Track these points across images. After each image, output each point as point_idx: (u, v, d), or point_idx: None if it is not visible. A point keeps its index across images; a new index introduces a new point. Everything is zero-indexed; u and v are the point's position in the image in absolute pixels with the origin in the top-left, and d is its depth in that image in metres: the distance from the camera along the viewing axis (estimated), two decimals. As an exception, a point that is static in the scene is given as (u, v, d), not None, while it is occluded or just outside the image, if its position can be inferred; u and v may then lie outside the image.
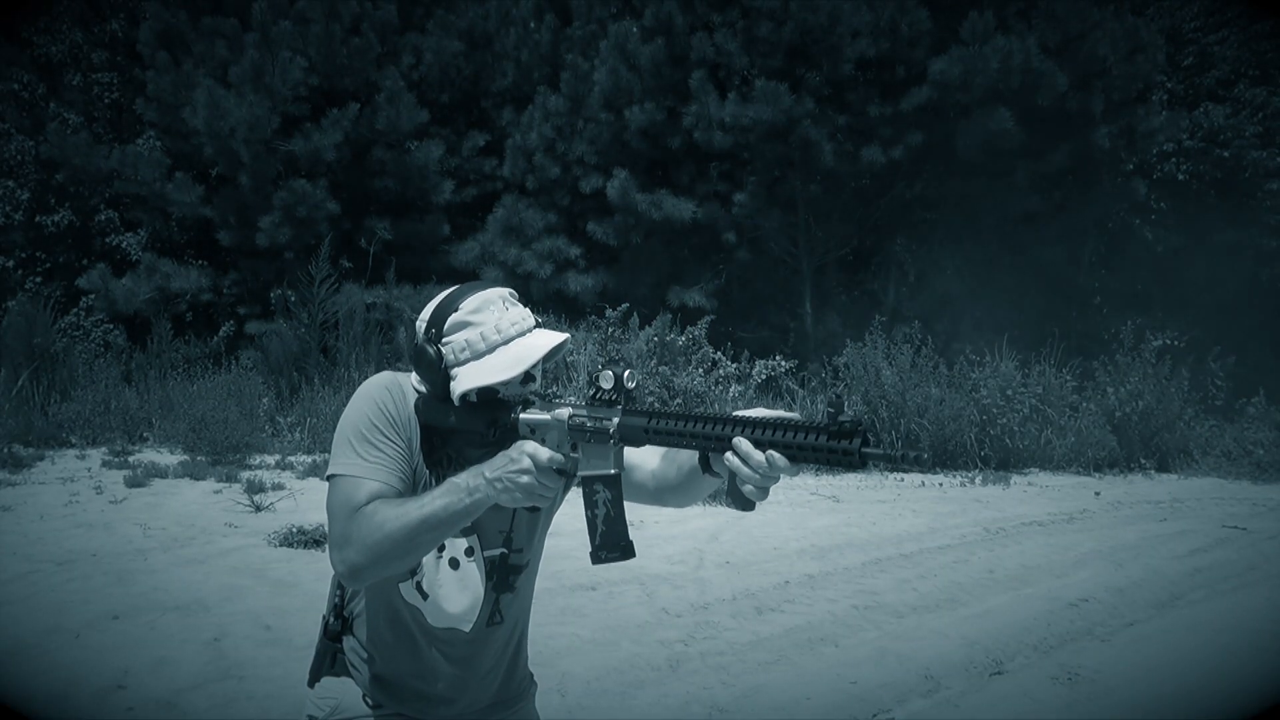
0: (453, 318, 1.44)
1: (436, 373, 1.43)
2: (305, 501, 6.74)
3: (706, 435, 1.24)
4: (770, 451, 1.14)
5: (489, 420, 1.43)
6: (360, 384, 1.52)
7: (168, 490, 7.09)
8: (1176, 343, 11.20)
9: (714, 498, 7.39)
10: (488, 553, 1.52)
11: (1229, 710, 3.63)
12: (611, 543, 1.35)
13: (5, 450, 7.96)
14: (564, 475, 1.33)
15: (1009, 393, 10.12)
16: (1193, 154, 14.82)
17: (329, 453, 1.47)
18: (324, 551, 5.56)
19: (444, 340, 1.44)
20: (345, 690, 1.54)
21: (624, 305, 10.98)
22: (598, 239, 13.20)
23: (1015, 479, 9.23)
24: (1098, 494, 8.64)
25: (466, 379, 1.40)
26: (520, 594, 1.61)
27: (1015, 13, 12.34)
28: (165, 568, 5.09)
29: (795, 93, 11.74)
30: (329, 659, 1.56)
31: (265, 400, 10.20)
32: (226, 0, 13.28)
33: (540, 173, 13.41)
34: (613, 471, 1.35)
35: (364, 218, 13.49)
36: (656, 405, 1.34)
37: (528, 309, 1.50)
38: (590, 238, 13.24)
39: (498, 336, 1.42)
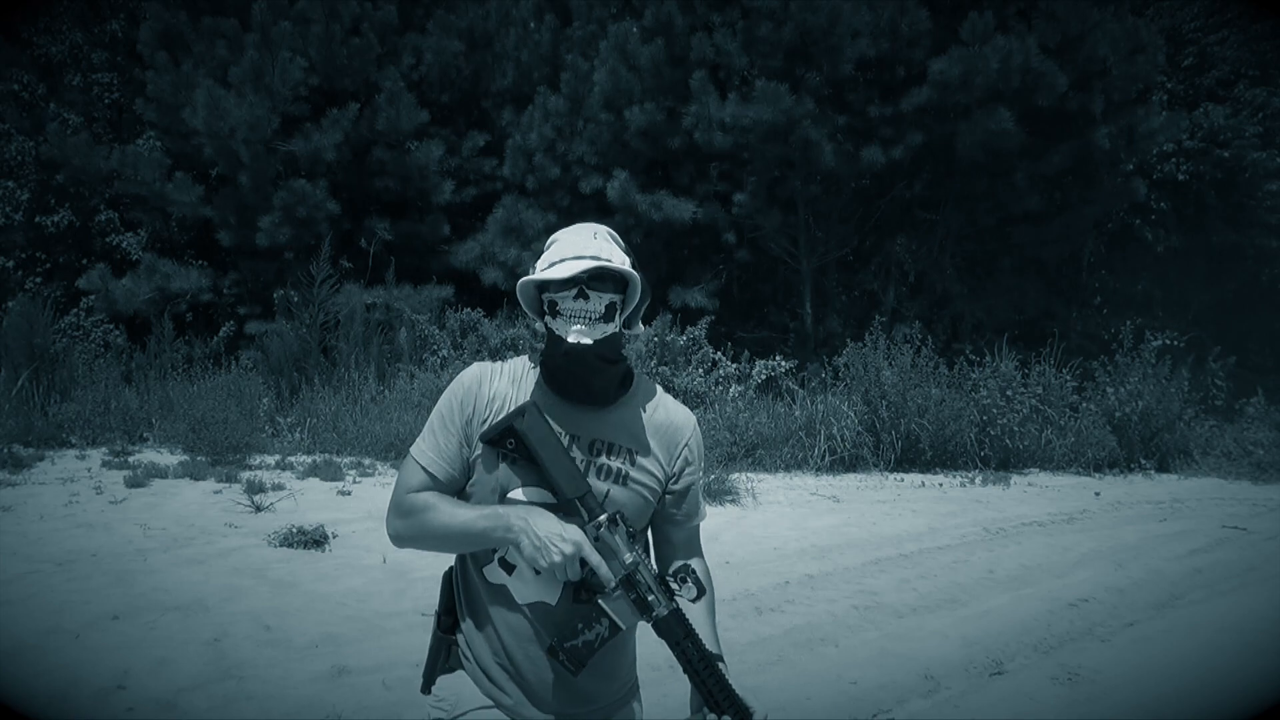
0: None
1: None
2: (305, 502, 6.74)
3: (708, 693, 1.54)
4: None
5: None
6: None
7: (168, 490, 7.09)
8: (1176, 343, 11.21)
9: (714, 498, 7.41)
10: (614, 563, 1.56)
11: (1229, 710, 3.63)
12: (576, 660, 1.50)
13: (5, 450, 7.96)
14: (585, 587, 1.52)
15: (1009, 393, 10.12)
16: (1193, 154, 14.82)
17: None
18: (324, 552, 5.56)
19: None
20: (461, 686, 1.62)
21: (624, 305, 10.98)
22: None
23: (1015, 479, 9.23)
24: (1098, 494, 8.64)
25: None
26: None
27: (1015, 13, 12.34)
28: (165, 568, 5.09)
29: (795, 93, 11.73)
30: (444, 654, 1.65)
31: (265, 400, 10.19)
32: (226, 0, 13.28)
33: (540, 173, 13.42)
34: (622, 626, 1.52)
35: (364, 218, 13.49)
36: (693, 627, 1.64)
37: (615, 248, 1.65)
38: (590, 238, 13.22)
39: (559, 254, 1.60)
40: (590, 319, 1.56)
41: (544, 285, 1.61)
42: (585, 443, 1.61)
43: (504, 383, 1.66)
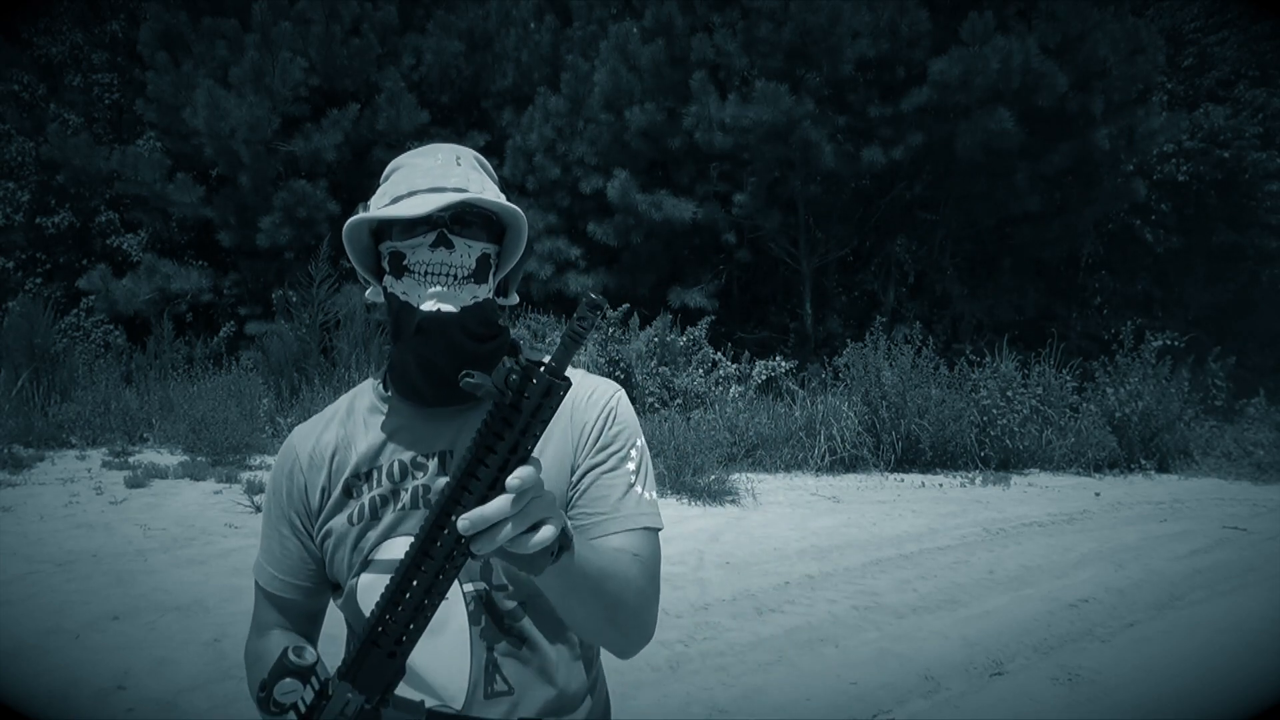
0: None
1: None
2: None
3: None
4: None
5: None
6: (359, 385, 1.38)
7: (168, 491, 7.09)
8: (1176, 343, 11.21)
9: (714, 499, 7.41)
10: (466, 586, 1.13)
11: (1229, 710, 3.63)
12: None
13: (5, 451, 7.96)
14: None
15: (1009, 393, 10.12)
16: (1193, 155, 14.83)
17: (276, 462, 1.29)
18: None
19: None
20: None
21: (624, 306, 10.99)
22: (598, 240, 13.20)
23: (1015, 479, 9.23)
24: (1098, 494, 8.64)
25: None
26: (534, 653, 1.15)
27: (1015, 13, 12.34)
28: (165, 568, 5.09)
29: (795, 93, 11.73)
30: None
31: (265, 401, 10.19)
32: (226, 1, 13.29)
33: (540, 173, 13.42)
34: None
35: (364, 218, 13.49)
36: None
37: (485, 178, 1.19)
38: (590, 238, 13.25)
39: (406, 186, 1.15)
40: (454, 277, 1.11)
41: (383, 231, 1.16)
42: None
43: (332, 431, 1.23)
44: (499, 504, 0.81)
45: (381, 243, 1.17)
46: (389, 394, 1.23)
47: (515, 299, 1.26)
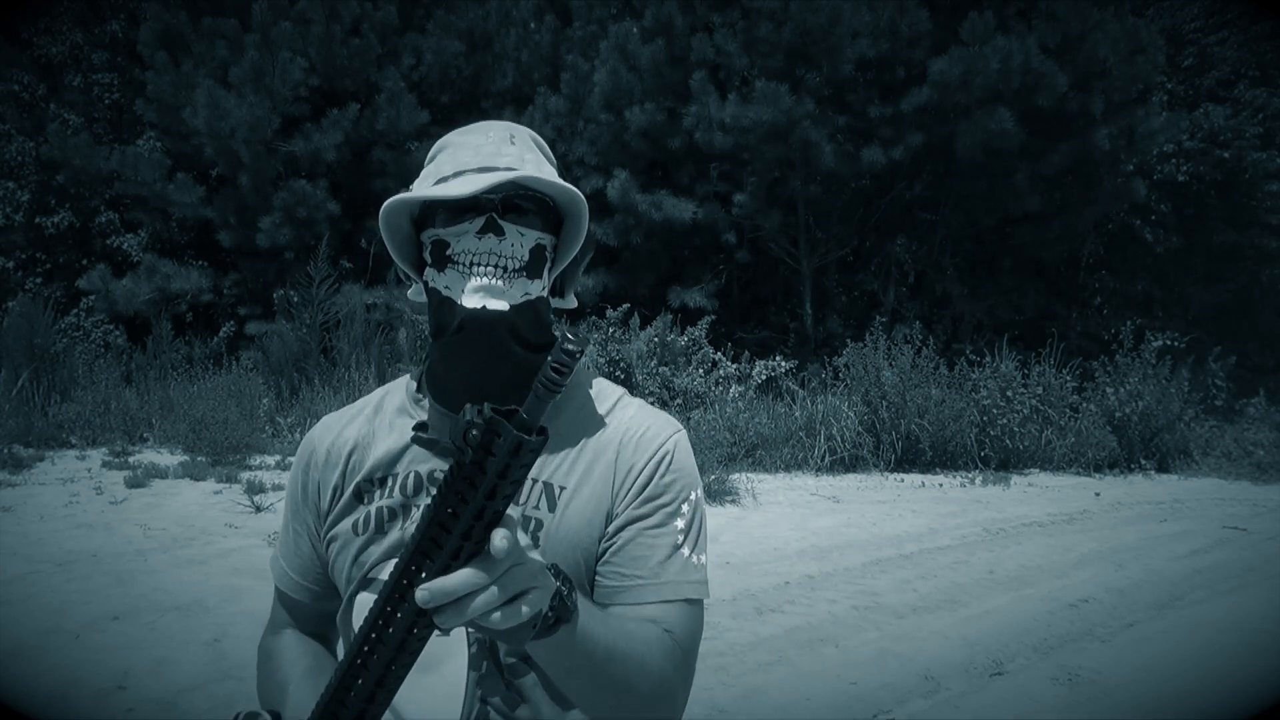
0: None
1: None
2: (305, 502, 6.73)
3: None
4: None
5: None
6: (359, 384, 1.25)
7: (168, 491, 7.09)
8: (1176, 343, 11.21)
9: (714, 499, 7.41)
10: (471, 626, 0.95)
11: (1229, 710, 3.63)
12: None
13: (5, 451, 7.95)
14: None
15: (1009, 393, 10.12)
16: (1193, 155, 14.83)
17: (297, 454, 1.20)
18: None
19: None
20: None
21: (624, 306, 10.99)
22: (598, 239, 13.19)
23: (1015, 479, 9.23)
24: (1098, 494, 8.64)
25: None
26: (532, 716, 1.01)
27: (1015, 13, 12.35)
28: (165, 568, 5.08)
29: (795, 93, 11.74)
30: None
31: (265, 401, 10.19)
32: (226, 1, 13.29)
33: (540, 173, 13.42)
34: None
35: (364, 218, 13.48)
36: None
37: (541, 158, 1.07)
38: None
39: (451, 165, 1.03)
40: (504, 269, 0.98)
41: (425, 217, 1.04)
42: None
43: (356, 426, 1.12)
44: (464, 576, 0.69)
45: (424, 230, 1.04)
46: (422, 396, 1.10)
47: (573, 301, 1.12)
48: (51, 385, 9.99)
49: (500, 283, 0.98)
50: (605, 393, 1.11)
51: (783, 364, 10.83)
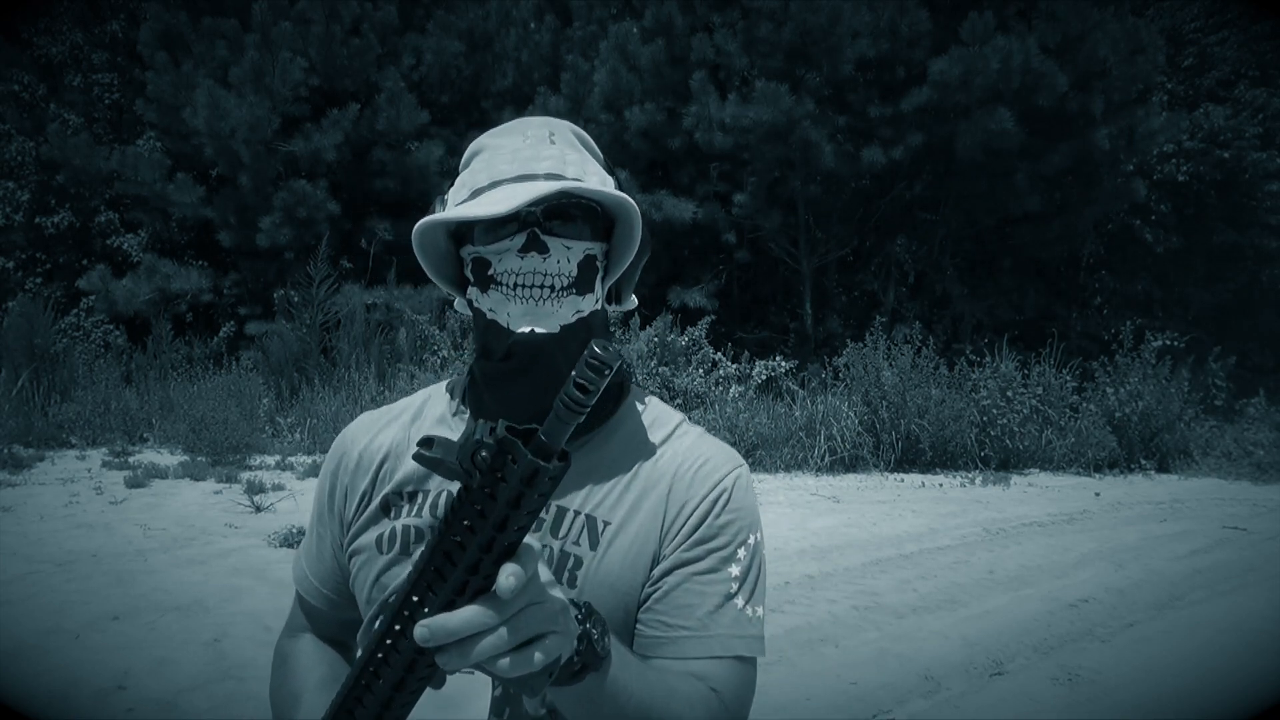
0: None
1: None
2: (305, 502, 6.73)
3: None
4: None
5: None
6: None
7: (168, 491, 7.09)
8: (1176, 343, 11.22)
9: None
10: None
11: (1229, 710, 3.63)
12: None
13: (5, 451, 7.96)
14: None
15: (1009, 393, 10.12)
16: (1193, 155, 14.84)
17: (329, 453, 1.14)
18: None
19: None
20: None
21: (624, 306, 10.98)
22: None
23: (1015, 479, 9.22)
24: (1098, 494, 8.64)
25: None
26: None
27: (1015, 13, 12.36)
28: (165, 568, 5.08)
29: (795, 93, 11.74)
30: None
31: (265, 401, 10.19)
32: (226, 1, 13.29)
33: (540, 173, 13.43)
34: None
35: (364, 218, 13.49)
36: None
37: (586, 156, 0.99)
38: (590, 238, 13.25)
39: (487, 175, 0.94)
40: (550, 288, 0.91)
41: (464, 232, 0.96)
42: None
43: (392, 431, 1.05)
44: (468, 615, 0.61)
45: (463, 246, 0.96)
46: (465, 409, 1.02)
47: (633, 302, 1.05)
48: (51, 385, 9.99)
49: (548, 304, 0.91)
50: (662, 418, 1.02)
51: (783, 364, 10.83)
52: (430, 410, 1.06)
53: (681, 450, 0.98)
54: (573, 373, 0.60)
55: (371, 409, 1.14)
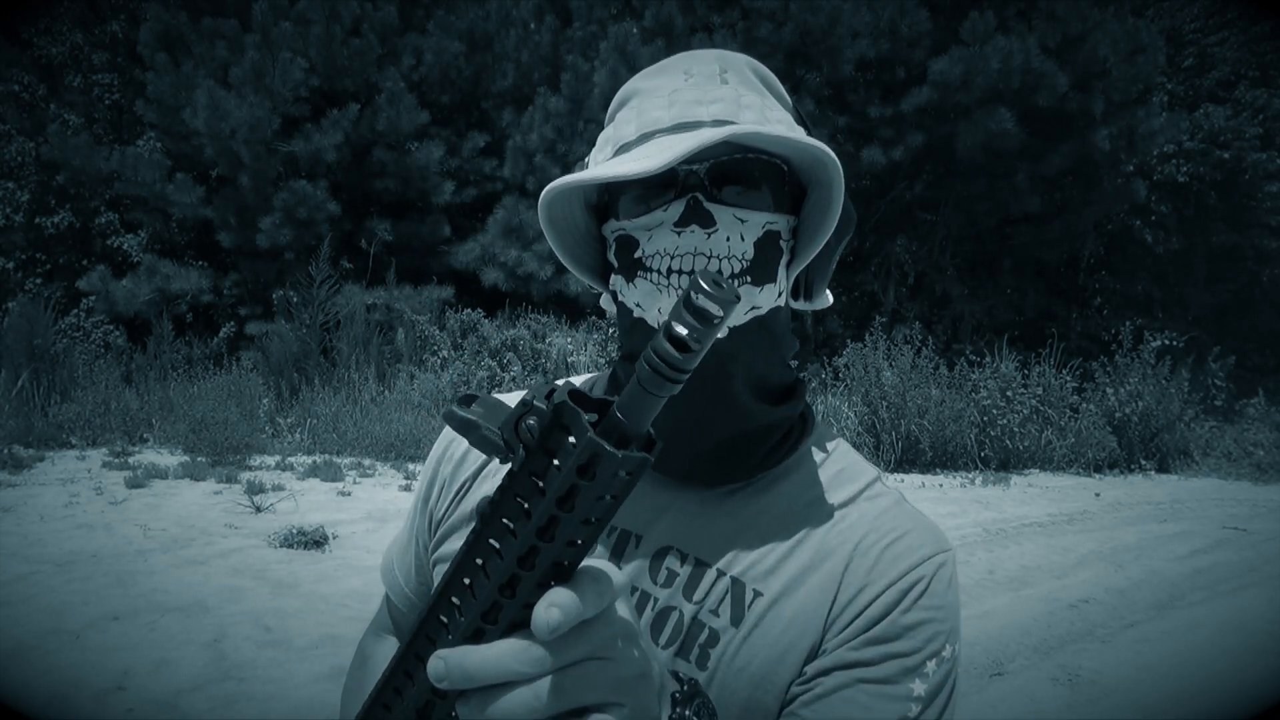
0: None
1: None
2: (305, 503, 6.74)
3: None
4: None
5: None
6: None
7: (168, 491, 7.09)
8: (1176, 343, 11.22)
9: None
10: None
11: (1229, 710, 3.63)
12: None
13: (5, 451, 7.95)
14: None
15: (1009, 393, 10.12)
16: (1193, 155, 14.84)
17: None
18: (324, 553, 5.56)
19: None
20: None
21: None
22: None
23: (1015, 479, 9.22)
24: (1098, 495, 8.64)
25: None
26: None
27: (1015, 13, 12.35)
28: (165, 569, 5.08)
29: (795, 94, 11.70)
30: None
31: (265, 401, 10.19)
32: (227, 1, 13.29)
33: (541, 174, 13.42)
34: None
35: (365, 219, 13.49)
36: None
37: (768, 98, 0.74)
38: (590, 239, 13.25)
39: (637, 125, 0.72)
40: (720, 274, 0.63)
41: (605, 204, 0.75)
42: (649, 558, 0.74)
43: None
44: (493, 653, 0.44)
45: (605, 223, 0.74)
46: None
47: (827, 299, 0.79)
48: (51, 385, 9.99)
49: (710, 297, 0.64)
50: (849, 471, 0.78)
51: (783, 364, 10.82)
52: None
53: (870, 517, 0.74)
54: (667, 317, 0.41)
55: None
